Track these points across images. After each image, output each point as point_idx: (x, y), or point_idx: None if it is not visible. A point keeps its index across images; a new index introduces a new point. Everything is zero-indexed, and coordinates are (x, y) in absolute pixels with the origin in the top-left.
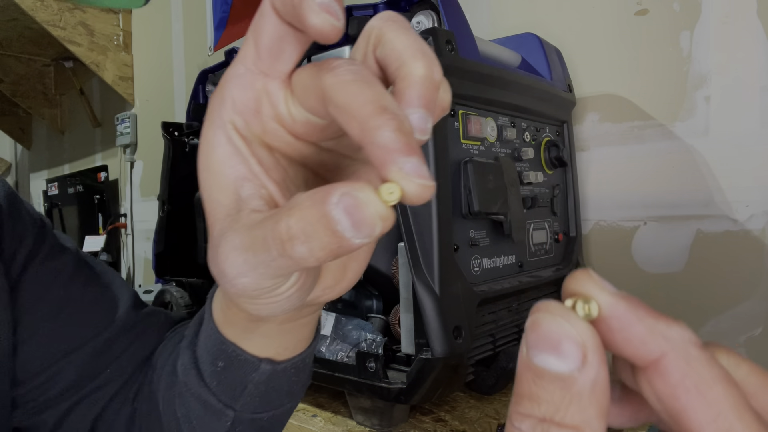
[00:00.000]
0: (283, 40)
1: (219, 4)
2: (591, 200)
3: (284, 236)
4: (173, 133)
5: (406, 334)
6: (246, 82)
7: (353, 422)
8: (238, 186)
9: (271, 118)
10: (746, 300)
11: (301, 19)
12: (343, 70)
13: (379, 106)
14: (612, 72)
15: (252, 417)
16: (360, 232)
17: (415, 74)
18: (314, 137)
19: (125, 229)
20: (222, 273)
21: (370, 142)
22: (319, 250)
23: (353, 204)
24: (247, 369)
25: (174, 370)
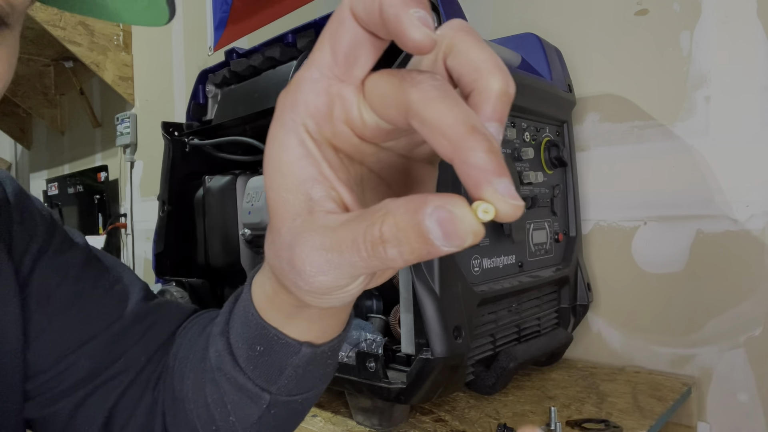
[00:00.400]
0: (360, 46)
1: (219, 4)
2: (591, 200)
3: (377, 240)
4: (173, 133)
5: (406, 334)
6: (320, 86)
7: (353, 422)
8: (308, 187)
9: (341, 122)
10: (746, 300)
11: (401, 34)
12: (428, 86)
13: (470, 126)
14: (612, 72)
15: (287, 399)
16: (450, 242)
17: (492, 88)
18: (379, 139)
19: (125, 229)
20: (299, 271)
21: (464, 162)
22: (409, 254)
23: (447, 218)
24: (287, 352)
25: (203, 358)
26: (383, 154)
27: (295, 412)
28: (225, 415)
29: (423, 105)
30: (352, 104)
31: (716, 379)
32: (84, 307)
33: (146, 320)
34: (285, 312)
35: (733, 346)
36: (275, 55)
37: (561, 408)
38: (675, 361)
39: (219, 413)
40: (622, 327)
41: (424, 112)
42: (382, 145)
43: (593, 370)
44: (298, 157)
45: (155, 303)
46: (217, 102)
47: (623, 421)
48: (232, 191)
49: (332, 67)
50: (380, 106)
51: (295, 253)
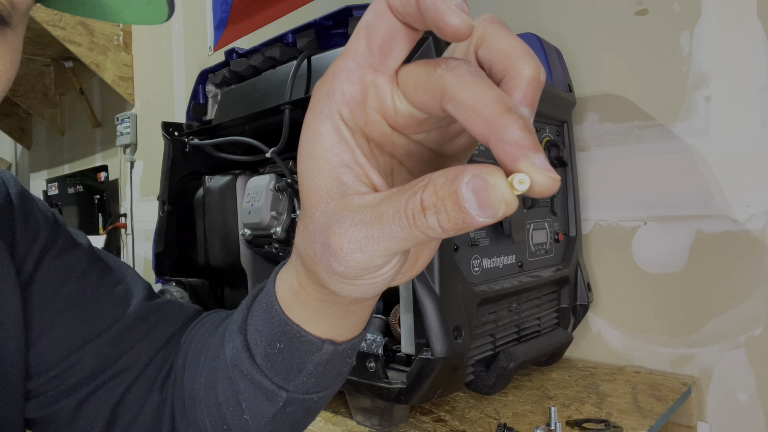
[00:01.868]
0: (395, 37)
1: (219, 4)
2: (591, 200)
3: (418, 207)
4: (173, 133)
5: (406, 334)
6: (356, 75)
7: (353, 422)
8: (341, 173)
9: (375, 111)
10: (746, 300)
11: (440, 20)
12: (463, 71)
13: (505, 106)
14: (612, 72)
15: (303, 398)
16: (484, 212)
17: (524, 74)
18: (410, 130)
19: (125, 229)
20: (336, 250)
21: (500, 139)
22: (447, 221)
23: (482, 186)
24: (308, 350)
25: (216, 357)
26: (413, 147)
27: (309, 411)
28: (239, 413)
29: (459, 88)
30: (386, 93)
31: (716, 379)
32: (87, 307)
33: (149, 319)
34: (310, 308)
35: (733, 346)
36: (275, 55)
37: (561, 408)
38: (675, 361)
39: (231, 412)
40: (622, 327)
41: (461, 95)
42: (412, 137)
43: (593, 370)
44: (332, 143)
45: (158, 302)
46: (217, 102)
47: (623, 421)
48: (232, 191)
49: (367, 57)
50: (415, 93)
51: (332, 231)
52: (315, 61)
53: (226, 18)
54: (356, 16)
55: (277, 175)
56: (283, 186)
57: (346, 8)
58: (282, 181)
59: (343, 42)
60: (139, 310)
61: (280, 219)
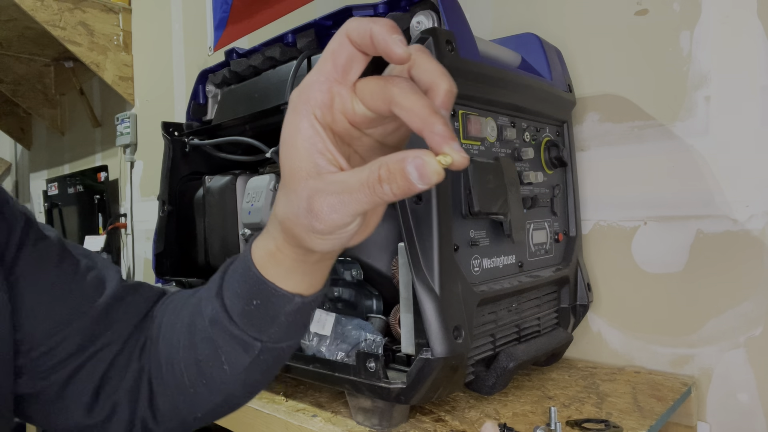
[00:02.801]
0: (353, 61)
1: (219, 4)
2: (591, 200)
3: (376, 180)
4: (173, 133)
5: (406, 334)
6: (325, 87)
7: (353, 422)
8: (316, 157)
9: (339, 112)
10: (746, 300)
11: (390, 51)
12: (405, 85)
13: (432, 109)
14: (612, 72)
15: (274, 346)
16: (422, 180)
17: (442, 88)
18: (363, 126)
19: (125, 229)
20: (317, 212)
21: (431, 131)
22: (397, 188)
23: (421, 163)
24: (282, 302)
25: (192, 323)
26: (365, 139)
27: (278, 359)
28: (218, 365)
29: (402, 97)
30: (347, 99)
31: (716, 379)
32: (68, 288)
33: (126, 299)
34: (285, 267)
35: (733, 346)
36: (275, 55)
37: (561, 408)
38: (675, 361)
39: (211, 366)
40: (622, 327)
41: (404, 101)
42: (365, 131)
43: (593, 370)
44: (309, 135)
45: (131, 284)
46: (217, 102)
47: (623, 421)
48: (232, 191)
49: (333, 74)
50: (370, 100)
51: (314, 199)
52: (315, 61)
53: (226, 18)
54: (356, 15)
55: (277, 175)
56: None
57: (346, 8)
58: None
59: None
60: (116, 291)
61: None
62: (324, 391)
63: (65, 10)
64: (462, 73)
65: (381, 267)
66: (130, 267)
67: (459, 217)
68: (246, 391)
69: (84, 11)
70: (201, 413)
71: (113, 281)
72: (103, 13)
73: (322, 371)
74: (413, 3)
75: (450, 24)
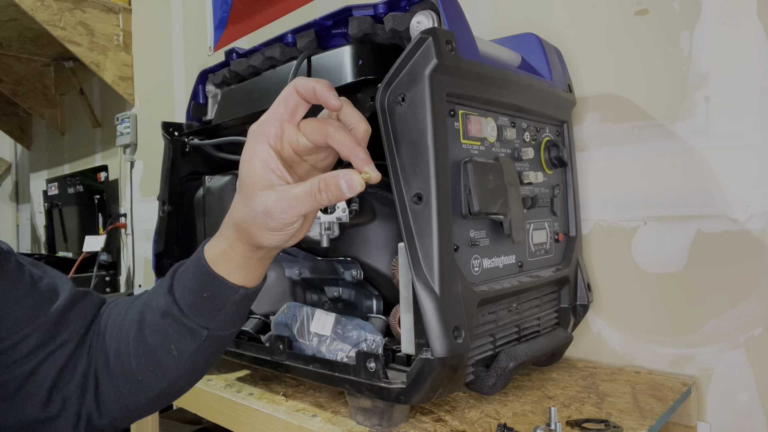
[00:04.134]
0: (299, 106)
1: (219, 4)
2: (591, 200)
3: (317, 190)
4: (173, 133)
5: (406, 334)
6: (278, 123)
7: (353, 422)
8: (269, 174)
9: (287, 142)
10: (746, 300)
11: (328, 103)
12: (336, 125)
13: (356, 142)
14: (612, 72)
15: (219, 333)
16: (350, 190)
17: (361, 128)
18: (303, 154)
19: (125, 229)
20: (271, 213)
21: (356, 157)
22: (332, 196)
23: (349, 179)
24: (228, 293)
25: (141, 318)
26: (304, 164)
27: (221, 346)
28: (168, 352)
29: (335, 132)
30: (293, 133)
31: (716, 379)
32: (28, 292)
33: (78, 303)
34: (234, 263)
35: (733, 346)
36: (275, 55)
37: (561, 408)
38: (675, 361)
39: (161, 353)
40: (622, 327)
41: (336, 136)
42: (303, 157)
43: (593, 370)
44: (264, 158)
45: (81, 290)
46: (217, 102)
47: (623, 421)
48: (232, 191)
49: (284, 115)
50: (311, 134)
51: (269, 204)
52: (315, 61)
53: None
54: (356, 15)
55: None
56: None
57: (346, 8)
58: None
59: (343, 42)
60: (70, 295)
61: None
62: (324, 391)
63: (65, 10)
64: (462, 73)
65: (381, 267)
66: (130, 267)
67: (459, 217)
68: (190, 376)
69: (84, 11)
70: (145, 400)
71: (66, 288)
72: (103, 13)
73: (322, 371)
74: (413, 3)
75: (450, 24)
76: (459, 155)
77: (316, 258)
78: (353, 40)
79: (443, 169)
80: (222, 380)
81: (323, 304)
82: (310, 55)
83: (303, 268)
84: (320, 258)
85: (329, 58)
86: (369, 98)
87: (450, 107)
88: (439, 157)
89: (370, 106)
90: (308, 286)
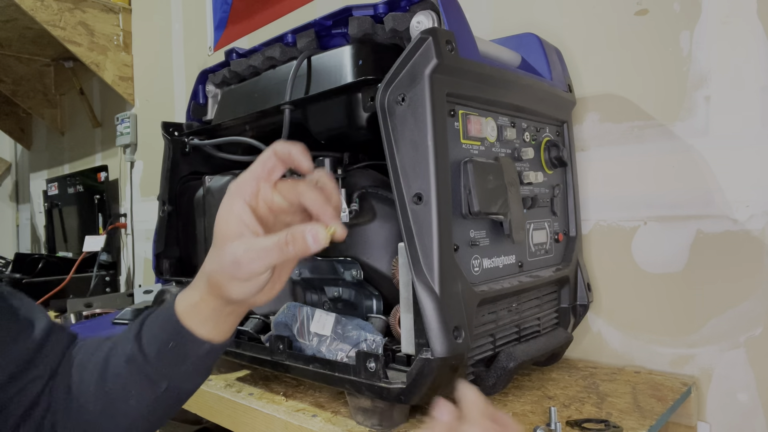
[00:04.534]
0: (276, 168)
1: (219, 4)
2: (591, 200)
3: (284, 242)
4: (173, 133)
5: (406, 334)
6: (254, 182)
7: (353, 422)
8: (242, 227)
9: (263, 200)
10: (746, 300)
11: (300, 167)
12: (309, 185)
13: (326, 201)
14: (612, 72)
15: (179, 386)
16: (316, 244)
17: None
18: (279, 213)
19: (125, 229)
20: (240, 263)
21: (323, 214)
22: (298, 248)
23: (315, 233)
24: (194, 346)
25: (106, 361)
26: (278, 224)
27: (179, 399)
28: (126, 400)
29: (306, 191)
30: (269, 192)
31: (716, 379)
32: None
33: (52, 337)
34: (203, 316)
35: (733, 346)
36: (275, 55)
37: (561, 408)
38: (675, 361)
39: (119, 400)
40: (622, 327)
41: (307, 194)
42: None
43: (593, 370)
44: (239, 212)
45: (56, 325)
46: (217, 102)
47: (623, 421)
48: None
49: (262, 174)
50: (286, 193)
51: (238, 254)
52: (315, 61)
53: (226, 18)
54: (356, 15)
55: None
56: None
57: (346, 8)
58: None
59: (343, 42)
60: (46, 329)
61: None
62: (324, 391)
63: (65, 10)
64: (462, 73)
65: (381, 267)
66: (130, 267)
67: (459, 217)
68: (147, 426)
69: (84, 11)
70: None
71: (42, 320)
72: (103, 13)
73: (322, 371)
74: (413, 3)
75: (450, 24)
76: (459, 155)
77: (316, 258)
78: (353, 40)
79: (443, 169)
80: (222, 380)
81: (323, 304)
82: (310, 55)
83: (303, 268)
84: (320, 258)
85: (329, 58)
86: (369, 98)
87: (450, 107)
88: (439, 157)
89: (370, 106)
90: (308, 286)
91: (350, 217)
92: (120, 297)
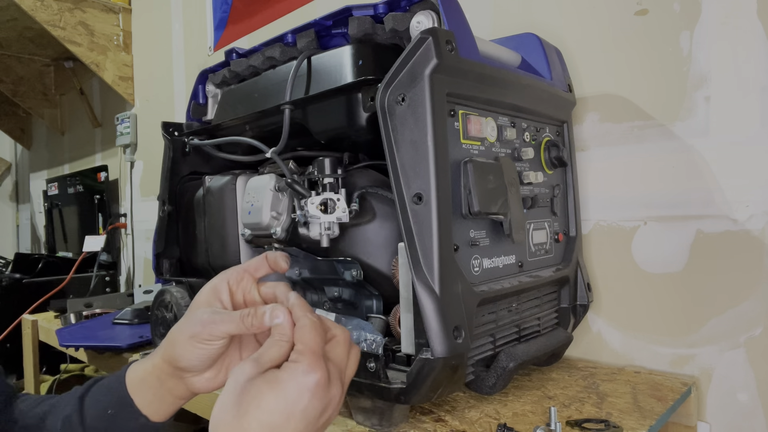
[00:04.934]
0: (261, 267)
1: (219, 4)
2: (591, 200)
3: (245, 315)
4: (173, 133)
5: (406, 334)
6: (240, 273)
7: (353, 422)
8: (216, 299)
9: (242, 289)
10: (746, 300)
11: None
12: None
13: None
14: (612, 72)
15: None
16: (270, 322)
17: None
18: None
19: (125, 229)
20: (204, 322)
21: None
22: (256, 322)
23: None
24: (131, 417)
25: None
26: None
27: None
28: None
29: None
30: (249, 284)
31: (716, 379)
32: None
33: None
34: (147, 385)
35: (733, 346)
36: (275, 55)
37: (561, 408)
38: (675, 361)
39: None
40: (622, 327)
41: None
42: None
43: (593, 370)
44: (218, 288)
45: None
46: (217, 102)
47: (623, 421)
48: (232, 191)
49: (249, 270)
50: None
51: (204, 317)
52: (315, 61)
53: (226, 18)
54: (356, 15)
55: (277, 175)
56: (283, 186)
57: (346, 8)
58: (282, 181)
59: (343, 42)
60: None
61: (280, 219)
62: None
63: (65, 10)
64: (462, 73)
65: (381, 267)
66: (130, 267)
67: (459, 217)
68: None
69: (84, 11)
70: None
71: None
72: (103, 13)
73: None
74: (413, 3)
75: (450, 24)
76: (459, 155)
77: (316, 258)
78: (353, 40)
79: (443, 169)
80: None
81: (323, 304)
82: (310, 55)
83: (303, 268)
84: (320, 258)
85: (329, 58)
86: (369, 98)
87: (450, 107)
88: (439, 157)
89: (370, 106)
90: (308, 286)
91: (350, 217)
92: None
